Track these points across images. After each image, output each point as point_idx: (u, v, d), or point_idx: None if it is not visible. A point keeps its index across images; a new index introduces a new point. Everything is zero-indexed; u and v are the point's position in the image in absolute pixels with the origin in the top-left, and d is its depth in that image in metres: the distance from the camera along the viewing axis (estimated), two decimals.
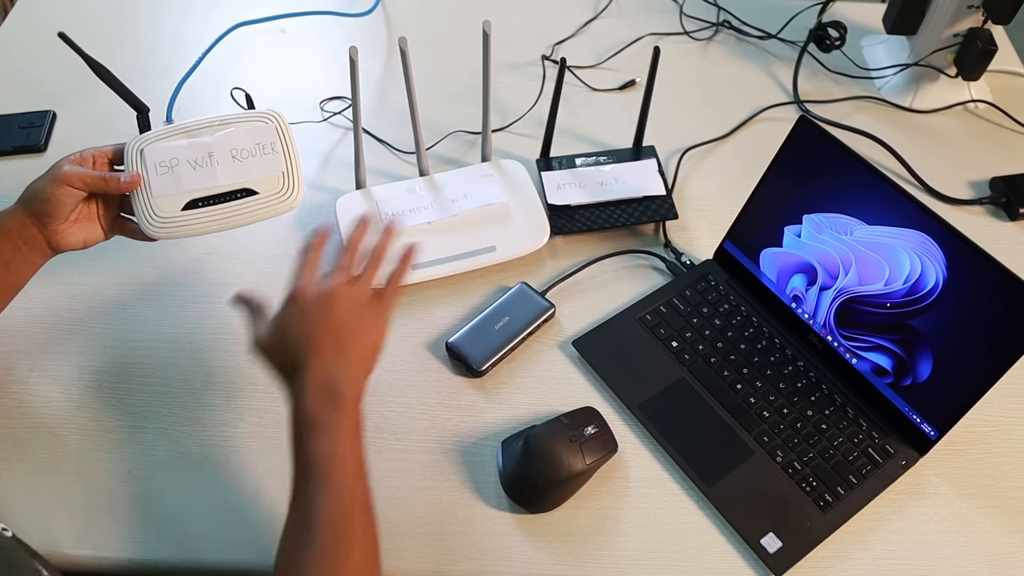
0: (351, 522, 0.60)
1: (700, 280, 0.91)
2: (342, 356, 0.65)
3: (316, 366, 0.64)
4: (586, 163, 1.00)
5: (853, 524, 0.75)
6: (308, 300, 0.67)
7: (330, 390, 0.63)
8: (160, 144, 0.78)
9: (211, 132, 0.79)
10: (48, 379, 0.83)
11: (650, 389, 0.83)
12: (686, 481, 0.78)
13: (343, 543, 0.59)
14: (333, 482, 0.60)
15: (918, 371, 0.77)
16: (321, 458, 0.61)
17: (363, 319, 0.68)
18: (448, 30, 1.19)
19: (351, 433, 0.63)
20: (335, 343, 0.65)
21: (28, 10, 1.21)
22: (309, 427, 0.62)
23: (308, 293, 0.67)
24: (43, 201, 0.73)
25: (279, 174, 0.79)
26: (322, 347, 0.65)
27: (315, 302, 0.67)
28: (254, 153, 0.79)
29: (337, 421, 0.63)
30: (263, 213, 0.79)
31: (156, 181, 0.77)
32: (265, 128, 0.80)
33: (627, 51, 1.17)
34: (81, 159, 0.76)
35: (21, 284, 0.78)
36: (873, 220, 0.78)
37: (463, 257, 0.90)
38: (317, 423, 0.62)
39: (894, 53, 1.14)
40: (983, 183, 1.03)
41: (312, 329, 0.65)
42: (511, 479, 0.76)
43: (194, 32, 1.17)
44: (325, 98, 1.08)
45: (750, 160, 0.92)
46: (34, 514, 0.74)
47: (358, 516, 0.61)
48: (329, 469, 0.61)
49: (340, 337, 0.66)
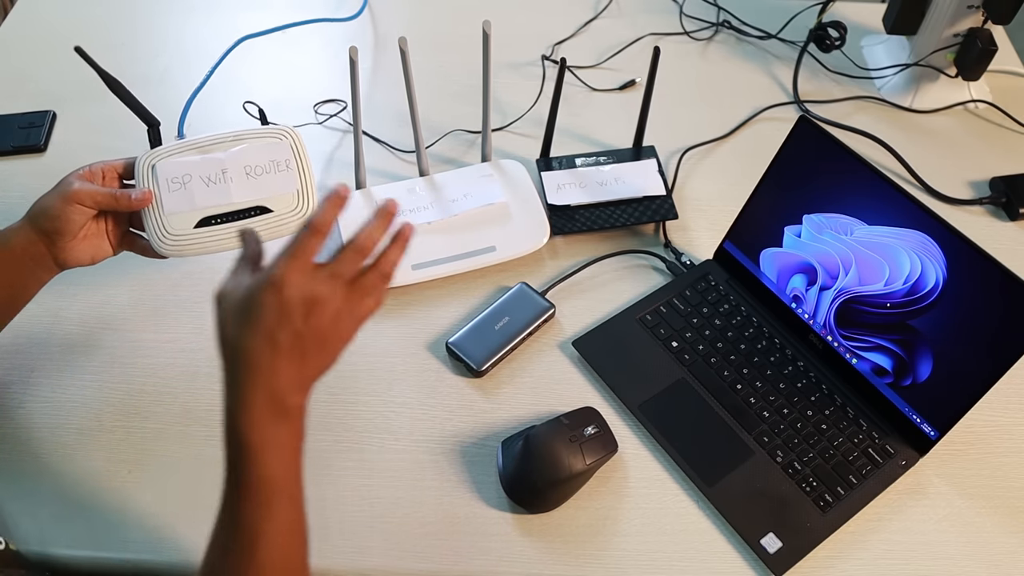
0: (291, 550, 0.59)
1: (700, 280, 0.91)
2: (301, 367, 0.58)
3: (265, 376, 0.57)
4: (586, 163, 1.00)
5: (853, 524, 0.75)
6: (292, 299, 0.56)
7: (277, 403, 0.57)
8: (172, 160, 0.77)
9: (224, 148, 0.78)
10: (48, 379, 0.83)
11: (650, 389, 0.83)
12: (686, 481, 0.78)
13: (277, 569, 0.58)
14: (276, 508, 0.57)
15: (918, 371, 0.77)
16: (265, 481, 0.57)
17: (341, 331, 0.59)
18: (441, 30, 1.19)
19: (294, 452, 0.59)
20: (300, 355, 0.57)
21: (28, 10, 1.21)
22: (253, 443, 0.57)
23: (294, 288, 0.56)
24: (52, 219, 0.72)
25: (294, 192, 0.78)
26: (283, 354, 0.56)
27: (299, 304, 0.56)
28: (268, 170, 0.78)
29: (282, 438, 0.58)
30: (277, 231, 0.77)
31: (168, 198, 0.76)
32: (280, 145, 0.79)
33: (627, 51, 1.17)
34: (90, 174, 0.74)
35: (26, 300, 0.77)
36: (873, 220, 0.78)
37: (463, 257, 0.91)
38: (263, 440, 0.57)
39: (894, 53, 1.14)
40: (983, 183, 1.03)
41: (283, 333, 0.56)
42: (511, 479, 0.76)
43: (194, 34, 1.17)
44: (319, 101, 1.08)
45: (750, 160, 0.92)
46: (33, 514, 0.74)
47: (297, 543, 0.60)
48: (273, 494, 0.57)
49: (306, 349, 0.57)
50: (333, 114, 1.07)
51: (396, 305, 0.90)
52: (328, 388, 0.83)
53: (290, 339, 0.57)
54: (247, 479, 0.57)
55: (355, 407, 0.82)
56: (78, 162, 1.00)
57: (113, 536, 0.73)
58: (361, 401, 0.83)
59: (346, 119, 1.06)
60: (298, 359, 0.57)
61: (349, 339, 0.60)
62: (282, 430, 0.58)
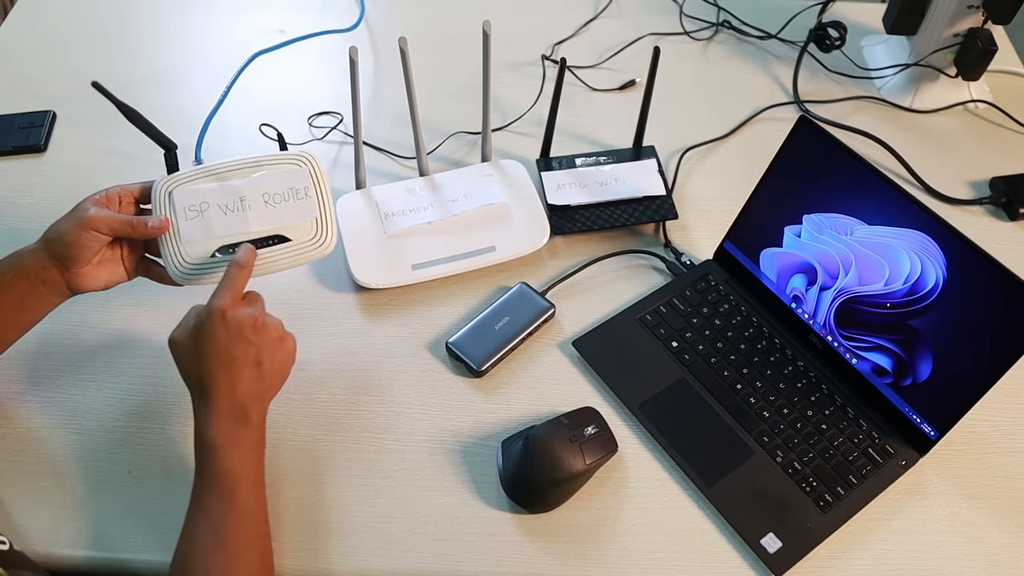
0: (249, 536, 0.67)
1: (700, 280, 0.91)
2: (258, 375, 0.69)
3: (227, 388, 0.67)
4: (586, 163, 1.00)
5: (853, 524, 0.75)
6: (236, 319, 0.68)
7: (239, 410, 0.68)
8: (189, 187, 0.75)
9: (242, 175, 0.77)
10: (48, 379, 0.83)
11: (650, 389, 0.83)
12: (686, 481, 0.78)
13: (244, 552, 0.66)
14: (238, 498, 0.66)
15: (918, 371, 0.77)
16: (229, 474, 0.66)
17: (286, 341, 0.72)
18: (441, 31, 1.19)
19: (255, 453, 0.69)
20: (256, 363, 0.68)
21: (28, 10, 1.21)
22: (218, 444, 0.66)
23: (237, 311, 0.69)
24: (67, 245, 0.71)
25: (312, 220, 0.77)
26: (239, 372, 0.68)
27: (245, 323, 0.68)
28: (287, 198, 0.76)
29: (244, 440, 0.68)
30: (295, 260, 0.76)
31: (185, 226, 0.74)
32: (299, 172, 0.77)
33: (627, 51, 1.17)
34: (106, 199, 0.74)
35: (35, 321, 0.76)
36: (873, 220, 0.78)
37: (463, 257, 0.90)
38: (226, 441, 0.67)
39: (894, 53, 1.14)
40: (983, 183, 1.03)
41: (237, 348, 0.68)
42: (511, 479, 0.76)
43: (195, 33, 1.17)
44: (314, 113, 1.07)
45: (750, 160, 0.92)
46: (34, 514, 0.74)
47: (256, 530, 0.68)
48: (235, 486, 0.66)
49: (261, 358, 0.69)
50: (331, 127, 1.06)
51: (396, 305, 0.90)
52: (328, 388, 0.83)
53: (243, 350, 0.68)
54: (214, 473, 0.66)
55: (355, 407, 0.82)
56: (78, 162, 1.01)
57: (113, 536, 0.74)
58: (361, 401, 0.83)
59: (342, 130, 1.06)
60: (254, 367, 0.68)
61: (294, 345, 0.72)
62: (244, 433, 0.68)
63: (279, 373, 0.71)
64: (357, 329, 0.88)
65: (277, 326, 0.71)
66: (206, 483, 0.66)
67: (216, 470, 0.66)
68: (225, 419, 0.67)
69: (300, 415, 0.81)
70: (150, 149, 0.79)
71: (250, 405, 0.68)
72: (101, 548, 0.73)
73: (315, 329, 0.87)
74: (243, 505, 0.67)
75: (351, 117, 0.90)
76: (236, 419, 0.67)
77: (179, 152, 0.78)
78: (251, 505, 0.68)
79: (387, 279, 0.89)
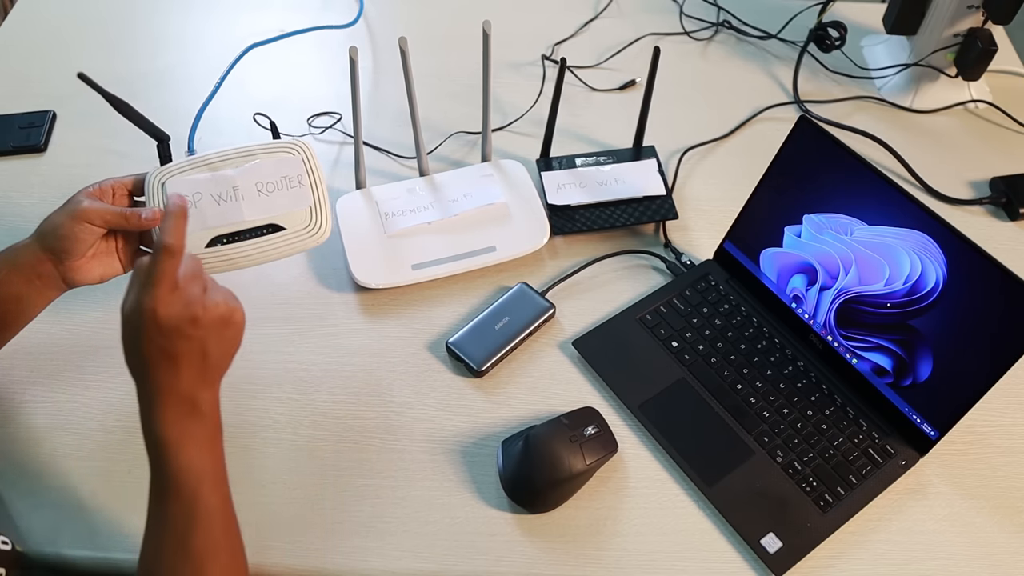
0: (218, 540, 0.62)
1: (700, 280, 0.91)
2: (203, 366, 0.61)
3: (171, 384, 0.60)
4: (586, 163, 1.00)
5: (853, 524, 0.75)
6: (171, 318, 0.59)
7: (187, 402, 0.60)
8: (182, 178, 0.75)
9: (235, 164, 0.76)
10: (48, 380, 0.83)
11: (650, 389, 0.83)
12: (686, 481, 0.78)
13: (215, 559, 0.61)
14: (201, 501, 0.61)
15: (918, 371, 0.77)
16: (188, 473, 0.60)
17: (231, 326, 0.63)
18: (441, 30, 1.19)
19: (212, 443, 0.62)
20: (201, 356, 0.61)
21: (28, 10, 1.21)
22: (170, 440, 0.60)
23: (170, 308, 0.59)
24: (60, 238, 0.71)
25: (306, 208, 0.77)
26: (182, 367, 0.60)
27: (182, 320, 0.59)
28: (280, 187, 0.76)
29: (198, 432, 0.61)
30: (289, 249, 0.76)
31: None
32: (292, 160, 0.77)
33: (627, 51, 1.17)
34: (100, 192, 0.73)
35: (32, 317, 0.76)
36: (873, 220, 0.78)
37: (463, 257, 0.90)
38: (179, 436, 0.60)
39: (894, 53, 1.14)
40: (983, 183, 1.03)
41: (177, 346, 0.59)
42: (511, 479, 0.76)
43: (195, 32, 1.17)
44: (313, 114, 1.07)
45: (750, 160, 0.92)
46: (34, 514, 0.74)
47: (225, 532, 0.63)
48: (197, 487, 0.60)
49: (206, 349, 0.61)
50: (328, 126, 1.06)
51: (396, 305, 0.90)
52: (328, 388, 0.83)
53: (185, 347, 0.60)
54: (172, 473, 0.60)
55: (355, 407, 0.82)
56: (78, 162, 1.01)
57: (113, 536, 0.73)
58: (361, 401, 0.83)
59: (341, 130, 1.06)
60: (199, 360, 0.61)
61: (242, 319, 0.64)
62: (196, 424, 0.61)
63: (228, 353, 0.64)
64: (357, 329, 0.88)
65: (220, 305, 0.62)
66: (165, 486, 0.60)
67: (173, 470, 0.60)
68: (173, 412, 0.60)
69: (300, 415, 0.81)
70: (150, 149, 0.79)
71: (199, 395, 0.61)
72: (101, 548, 0.73)
73: (315, 329, 0.87)
74: (207, 508, 0.61)
75: (350, 116, 0.90)
76: (185, 411, 0.60)
77: (173, 144, 0.77)
78: (216, 506, 0.62)
79: (387, 279, 0.89)
